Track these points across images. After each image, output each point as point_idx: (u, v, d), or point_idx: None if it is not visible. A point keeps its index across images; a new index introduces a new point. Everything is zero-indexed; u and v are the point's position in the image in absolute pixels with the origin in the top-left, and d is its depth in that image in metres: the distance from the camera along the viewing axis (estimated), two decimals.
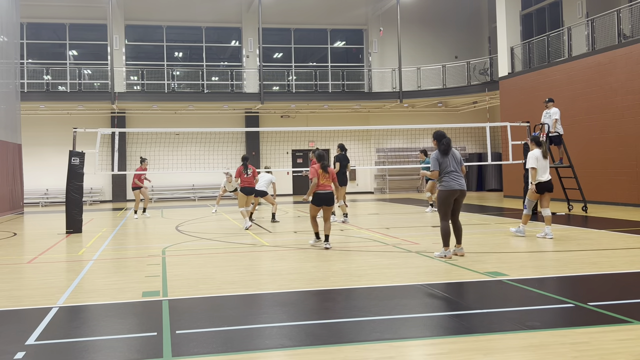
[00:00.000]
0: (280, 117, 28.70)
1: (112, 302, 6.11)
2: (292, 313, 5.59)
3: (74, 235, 12.68)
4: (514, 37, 23.00)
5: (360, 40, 29.96)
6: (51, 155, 25.56)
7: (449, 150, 8.38)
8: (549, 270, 7.30)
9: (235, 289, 6.60)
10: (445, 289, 6.36)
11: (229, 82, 27.28)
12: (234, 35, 28.86)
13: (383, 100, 27.82)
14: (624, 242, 9.47)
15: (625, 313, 5.10)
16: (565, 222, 12.97)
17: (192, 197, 27.26)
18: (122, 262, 9.10)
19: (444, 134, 8.53)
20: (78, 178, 13.32)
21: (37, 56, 27.14)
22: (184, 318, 5.42)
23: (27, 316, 5.69)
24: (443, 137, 8.45)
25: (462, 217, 8.89)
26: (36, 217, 19.29)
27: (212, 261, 8.74)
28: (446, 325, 5.02)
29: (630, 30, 17.26)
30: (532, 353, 4.18)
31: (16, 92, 21.40)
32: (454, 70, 26.89)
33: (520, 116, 19.08)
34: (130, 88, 26.92)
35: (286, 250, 9.70)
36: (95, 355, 4.45)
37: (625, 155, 16.95)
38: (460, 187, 8.31)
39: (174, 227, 14.08)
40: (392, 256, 8.71)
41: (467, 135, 29.42)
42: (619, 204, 16.95)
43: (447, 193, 8.29)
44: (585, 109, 18.43)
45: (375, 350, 4.32)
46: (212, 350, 4.43)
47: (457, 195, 8.32)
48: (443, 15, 29.43)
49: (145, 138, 24.54)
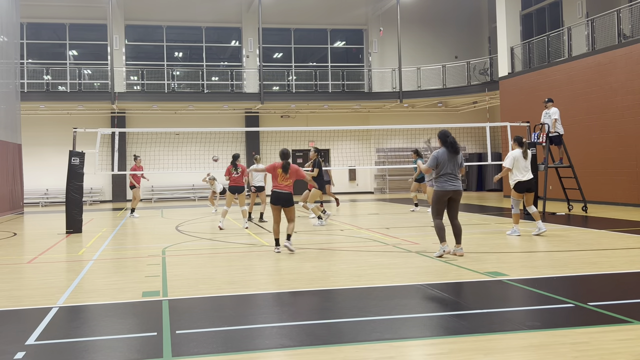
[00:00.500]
0: (280, 117, 28.71)
1: (112, 302, 6.11)
2: (292, 313, 5.59)
3: (74, 235, 12.68)
4: (514, 37, 23.00)
5: (360, 40, 29.96)
6: (51, 155, 25.56)
7: (457, 148, 8.42)
8: (549, 270, 7.30)
9: (235, 289, 6.60)
10: (445, 289, 6.36)
11: (229, 82, 27.28)
12: (234, 35, 28.86)
13: (383, 100, 27.82)
14: (624, 242, 9.46)
15: (625, 313, 5.09)
16: (565, 222, 12.97)
17: (192, 197, 27.26)
18: (122, 262, 9.09)
19: (448, 133, 8.55)
20: (78, 178, 13.31)
21: (37, 56, 27.15)
22: (184, 318, 5.42)
23: (27, 316, 5.69)
24: (447, 137, 8.46)
25: (462, 217, 8.89)
26: (36, 217, 19.29)
27: (212, 261, 8.74)
28: (446, 325, 5.02)
29: (630, 30, 17.26)
30: (532, 353, 4.18)
31: (16, 92, 21.40)
32: (454, 70, 26.89)
33: (520, 116, 19.08)
34: (130, 88, 26.92)
35: (286, 250, 9.70)
36: (95, 355, 4.45)
37: (625, 155, 16.94)
38: (454, 189, 8.36)
39: (173, 227, 14.08)
40: (392, 256, 8.71)
41: (467, 135, 29.40)
42: (619, 204, 16.95)
43: (441, 193, 8.41)
44: (585, 109, 18.43)
45: (375, 350, 4.32)
46: (212, 350, 4.43)
47: (450, 195, 8.38)
48: (443, 15, 29.43)
49: (145, 138, 24.53)
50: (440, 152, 8.44)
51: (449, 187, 8.36)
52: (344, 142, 27.71)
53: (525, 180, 10.70)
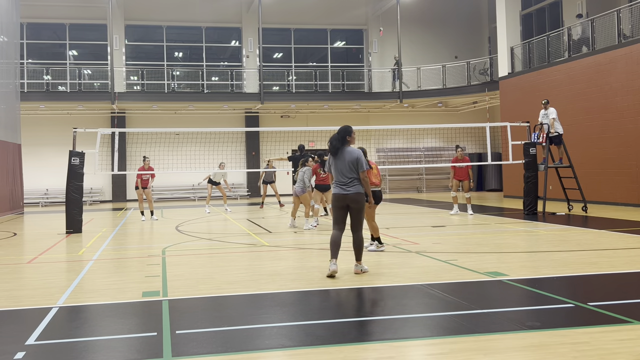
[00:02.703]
0: (280, 117, 28.71)
1: (112, 302, 6.11)
2: (292, 313, 5.59)
3: (74, 235, 12.68)
4: (514, 37, 23.00)
5: (360, 40, 29.96)
6: (51, 155, 25.55)
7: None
8: (549, 270, 7.30)
9: (235, 289, 6.60)
10: (445, 289, 6.36)
11: (229, 82, 27.28)
12: (234, 35, 28.86)
13: (383, 100, 27.82)
14: (624, 242, 9.46)
15: (625, 313, 5.09)
16: (565, 222, 12.96)
17: (192, 197, 27.26)
18: (122, 262, 9.09)
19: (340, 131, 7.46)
20: (78, 178, 13.31)
21: (37, 56, 27.14)
22: (184, 318, 5.42)
23: (27, 316, 5.69)
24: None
25: (462, 217, 8.86)
26: (36, 217, 19.29)
27: (212, 261, 8.74)
28: (446, 325, 5.02)
29: (630, 30, 17.26)
30: (532, 353, 4.18)
31: (16, 92, 21.40)
32: (454, 70, 26.88)
33: (520, 116, 19.08)
34: (130, 88, 26.92)
35: (286, 250, 9.70)
36: (95, 355, 4.45)
37: (625, 155, 16.94)
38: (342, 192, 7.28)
39: (174, 227, 14.08)
40: (392, 256, 8.71)
41: (467, 135, 29.42)
42: (619, 204, 16.95)
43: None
44: (585, 109, 18.43)
45: (375, 350, 4.32)
46: (212, 350, 4.43)
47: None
48: (443, 15, 29.43)
49: (145, 138, 24.52)
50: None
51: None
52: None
53: None
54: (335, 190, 7.34)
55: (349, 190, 7.22)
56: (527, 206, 14.81)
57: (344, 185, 7.25)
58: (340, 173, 7.27)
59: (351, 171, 7.23)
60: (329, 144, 7.38)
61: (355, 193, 7.21)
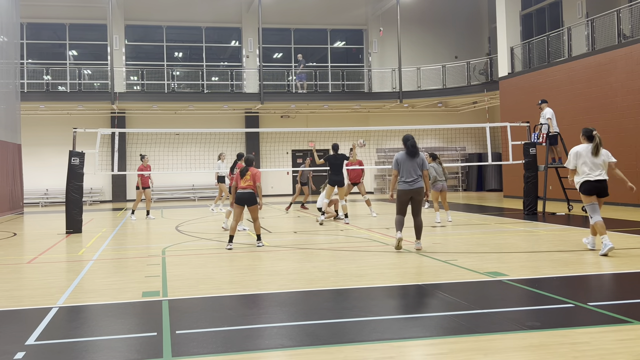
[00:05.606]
0: (280, 117, 28.71)
1: (112, 302, 6.11)
2: (292, 313, 5.59)
3: (74, 235, 12.68)
4: (514, 37, 23.00)
5: (360, 40, 29.96)
6: (51, 155, 25.55)
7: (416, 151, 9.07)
8: (549, 270, 7.30)
9: (235, 289, 6.60)
10: (445, 289, 6.36)
11: (228, 82, 27.28)
12: (234, 36, 28.86)
13: (383, 101, 27.82)
14: (624, 242, 9.46)
15: (625, 313, 5.10)
16: (565, 222, 12.97)
17: (192, 197, 27.26)
18: (122, 262, 9.10)
19: (409, 136, 9.19)
20: (78, 178, 13.31)
21: (37, 56, 27.14)
22: (184, 318, 5.42)
23: (27, 316, 5.69)
24: (407, 140, 9.14)
25: (462, 216, 8.88)
26: (36, 217, 19.29)
27: (212, 261, 8.74)
28: (446, 325, 5.02)
29: (630, 30, 17.26)
30: (532, 353, 4.18)
31: (16, 92, 21.39)
32: (454, 71, 26.88)
33: (520, 116, 19.08)
34: (130, 88, 26.92)
35: (286, 250, 9.71)
36: (95, 355, 4.45)
37: (625, 155, 16.93)
38: (410, 188, 8.98)
39: (174, 227, 14.08)
40: (392, 256, 8.71)
41: (467, 135, 29.42)
42: (619, 204, 16.95)
43: (400, 192, 9.12)
44: (585, 109, 18.43)
45: (375, 350, 4.32)
46: (212, 350, 4.43)
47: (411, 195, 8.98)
48: (443, 15, 29.43)
49: (145, 138, 24.52)
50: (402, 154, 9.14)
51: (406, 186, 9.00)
52: (344, 142, 27.66)
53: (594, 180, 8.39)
54: (401, 186, 8.99)
55: (414, 186, 8.96)
56: (527, 206, 14.81)
57: (412, 182, 8.94)
58: (409, 172, 8.97)
59: (418, 170, 9.05)
60: (412, 147, 9.03)
61: (419, 187, 9.05)
